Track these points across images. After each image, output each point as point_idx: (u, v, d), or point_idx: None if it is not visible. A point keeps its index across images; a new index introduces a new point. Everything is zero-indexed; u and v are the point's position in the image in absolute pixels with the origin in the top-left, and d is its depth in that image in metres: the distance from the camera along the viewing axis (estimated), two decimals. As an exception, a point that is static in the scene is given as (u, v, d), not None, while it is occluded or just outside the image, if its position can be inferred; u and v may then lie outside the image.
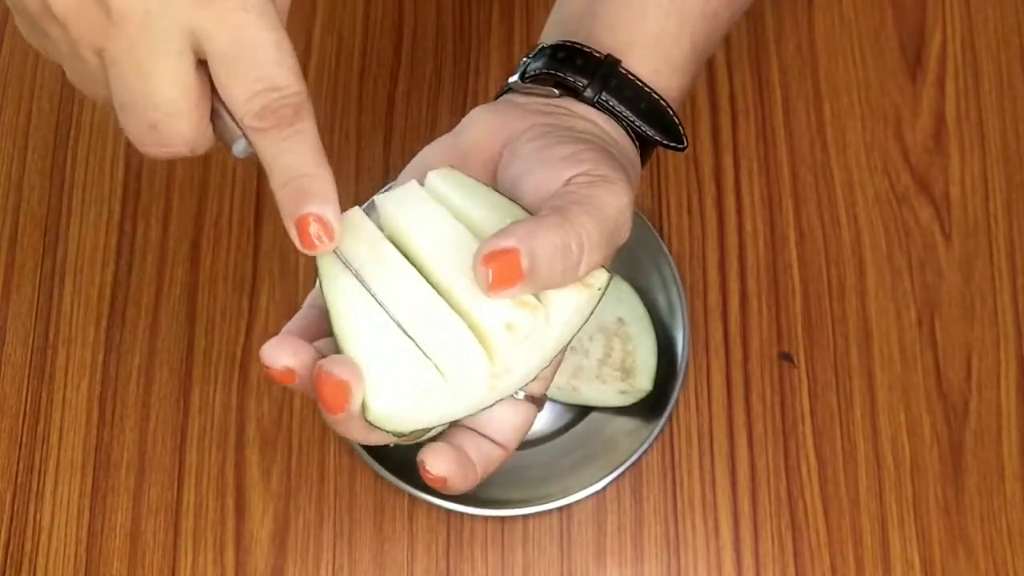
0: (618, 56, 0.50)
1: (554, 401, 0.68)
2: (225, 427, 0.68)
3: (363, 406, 0.40)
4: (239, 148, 0.41)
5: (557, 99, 0.49)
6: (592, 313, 0.43)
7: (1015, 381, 0.69)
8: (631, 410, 0.67)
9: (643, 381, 0.67)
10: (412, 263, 0.42)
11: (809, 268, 0.71)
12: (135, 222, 0.72)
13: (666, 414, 0.65)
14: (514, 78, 0.51)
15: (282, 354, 0.41)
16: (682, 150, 0.51)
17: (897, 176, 0.73)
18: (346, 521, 0.66)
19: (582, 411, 0.68)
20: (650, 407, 0.66)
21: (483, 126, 0.48)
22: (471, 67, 0.76)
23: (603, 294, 0.43)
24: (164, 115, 0.39)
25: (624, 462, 0.64)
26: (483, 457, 0.43)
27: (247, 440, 0.68)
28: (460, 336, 0.41)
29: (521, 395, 0.44)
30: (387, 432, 0.41)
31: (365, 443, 0.43)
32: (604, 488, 0.65)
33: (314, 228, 0.40)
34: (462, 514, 0.66)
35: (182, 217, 0.72)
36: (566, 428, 0.68)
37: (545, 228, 0.41)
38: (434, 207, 0.43)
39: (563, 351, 0.44)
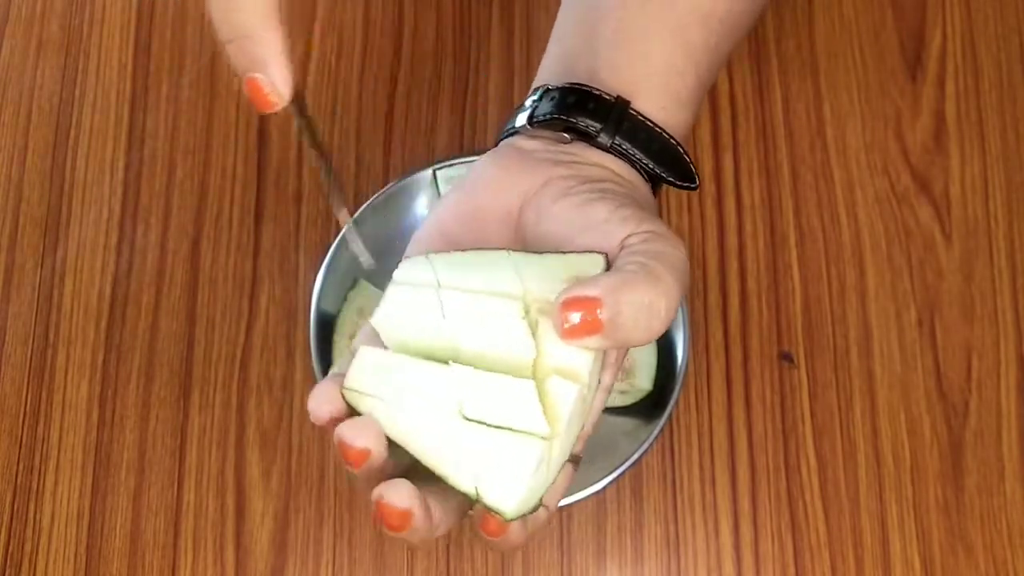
0: (627, 97, 0.49)
1: (554, 401, 0.68)
2: (225, 427, 0.68)
3: (492, 510, 0.39)
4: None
5: (567, 144, 0.49)
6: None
7: (1015, 381, 0.69)
8: (631, 410, 0.67)
9: (643, 381, 0.67)
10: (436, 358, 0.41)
11: (809, 268, 0.71)
12: (135, 222, 0.72)
13: (666, 414, 0.65)
14: (522, 121, 0.50)
15: (360, 434, 0.40)
16: (693, 189, 0.50)
17: (897, 176, 0.73)
18: (346, 521, 0.66)
19: (582, 411, 0.68)
20: (650, 407, 0.66)
21: (495, 183, 0.47)
22: (471, 67, 0.76)
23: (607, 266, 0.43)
24: None
25: (624, 462, 0.64)
26: (533, 519, 0.43)
27: (247, 440, 0.68)
28: (527, 398, 0.40)
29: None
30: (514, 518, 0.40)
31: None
32: (604, 488, 0.64)
33: (265, 88, 0.42)
34: (462, 514, 0.66)
35: (182, 217, 0.72)
36: (566, 428, 0.68)
37: (634, 283, 0.40)
38: (426, 295, 0.42)
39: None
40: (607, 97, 0.49)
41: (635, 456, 0.64)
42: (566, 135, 0.48)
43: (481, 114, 0.74)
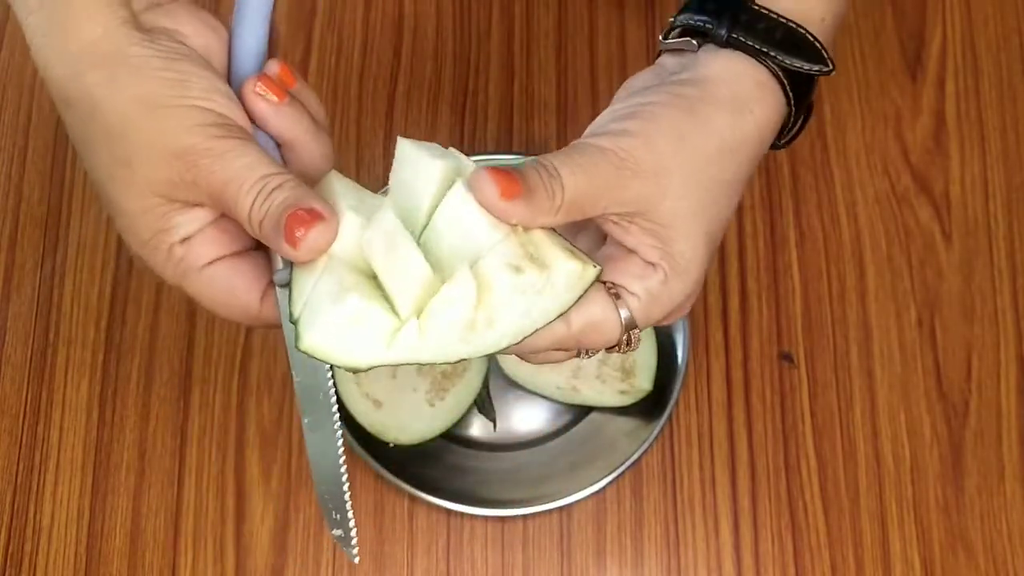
0: None
1: (554, 401, 0.68)
2: (225, 427, 0.68)
3: (294, 319, 0.41)
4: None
5: (697, 52, 0.49)
6: (580, 297, 0.44)
7: (1015, 381, 0.69)
8: (631, 410, 0.67)
9: (643, 381, 0.67)
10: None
11: (809, 268, 0.71)
12: (135, 222, 0.72)
13: (666, 414, 0.65)
14: (661, 37, 0.51)
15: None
16: (828, 73, 0.49)
17: (897, 176, 0.73)
18: (346, 521, 0.66)
19: (582, 411, 0.68)
20: (650, 407, 0.66)
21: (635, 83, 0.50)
22: (471, 67, 0.76)
23: (596, 279, 0.44)
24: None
25: (624, 462, 0.64)
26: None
27: (247, 440, 0.68)
28: (424, 274, 0.41)
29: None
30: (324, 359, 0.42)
31: None
32: (604, 488, 0.64)
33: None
34: (462, 514, 0.66)
35: (182, 217, 0.72)
36: (566, 428, 0.68)
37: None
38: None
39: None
40: None
41: (635, 456, 0.64)
42: (693, 41, 0.49)
43: (481, 114, 0.74)
